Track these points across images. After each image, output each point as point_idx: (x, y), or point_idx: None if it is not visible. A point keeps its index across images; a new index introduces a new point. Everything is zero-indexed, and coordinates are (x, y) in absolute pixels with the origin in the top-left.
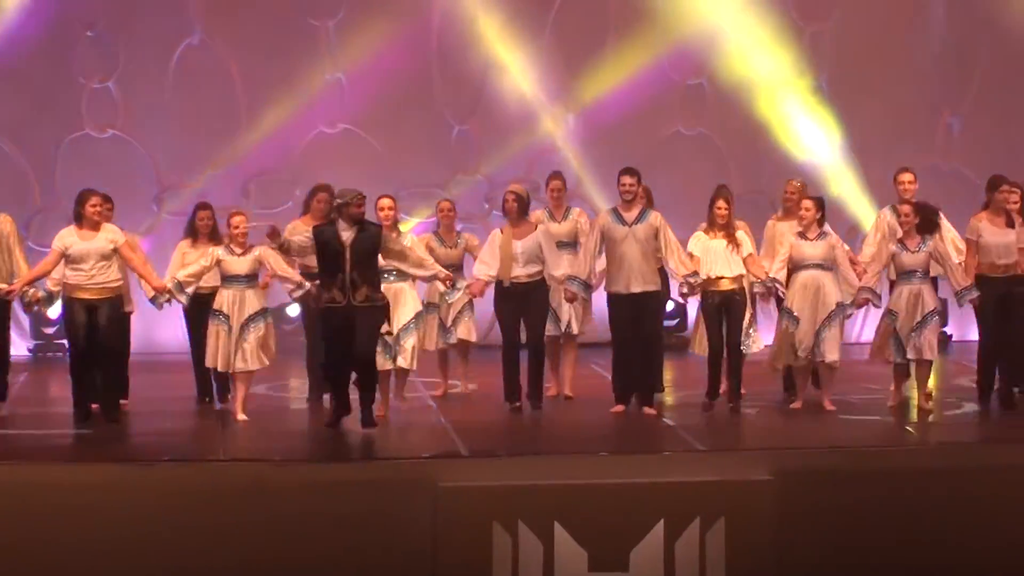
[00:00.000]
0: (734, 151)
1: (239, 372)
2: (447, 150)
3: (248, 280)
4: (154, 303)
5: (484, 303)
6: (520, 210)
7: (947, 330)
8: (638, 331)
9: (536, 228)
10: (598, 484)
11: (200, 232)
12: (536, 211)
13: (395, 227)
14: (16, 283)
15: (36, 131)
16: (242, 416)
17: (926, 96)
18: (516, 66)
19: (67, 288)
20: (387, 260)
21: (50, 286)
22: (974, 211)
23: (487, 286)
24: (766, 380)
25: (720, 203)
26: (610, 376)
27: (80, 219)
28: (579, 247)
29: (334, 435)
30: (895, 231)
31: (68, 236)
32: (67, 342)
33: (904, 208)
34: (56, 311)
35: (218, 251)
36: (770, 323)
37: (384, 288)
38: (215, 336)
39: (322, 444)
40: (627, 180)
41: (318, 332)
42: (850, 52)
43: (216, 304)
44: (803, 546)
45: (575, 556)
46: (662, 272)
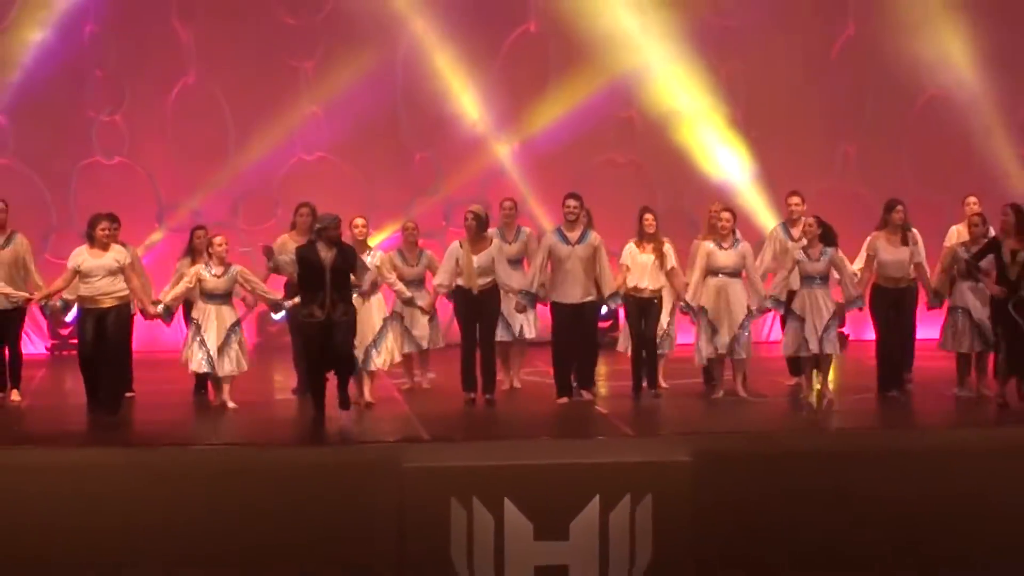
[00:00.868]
0: (660, 176)
1: (226, 376)
2: (410, 174)
3: (224, 298)
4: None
5: (446, 309)
6: (478, 228)
7: (845, 330)
8: (577, 334)
9: (491, 243)
10: (542, 464)
11: (197, 250)
12: (492, 229)
13: (365, 244)
14: (36, 295)
15: (53, 158)
16: (231, 404)
17: (826, 128)
18: (469, 101)
19: (80, 299)
20: (354, 274)
21: (67, 295)
22: (868, 227)
23: (437, 300)
24: (689, 373)
25: (647, 216)
26: (552, 372)
27: (92, 240)
28: (525, 264)
29: (312, 422)
30: (785, 246)
31: (80, 255)
32: (77, 345)
33: (809, 220)
34: (72, 315)
35: (200, 269)
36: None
37: (355, 299)
38: (193, 343)
39: (302, 430)
40: (571, 203)
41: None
42: (760, 89)
43: (195, 315)
44: (719, 518)
45: (522, 527)
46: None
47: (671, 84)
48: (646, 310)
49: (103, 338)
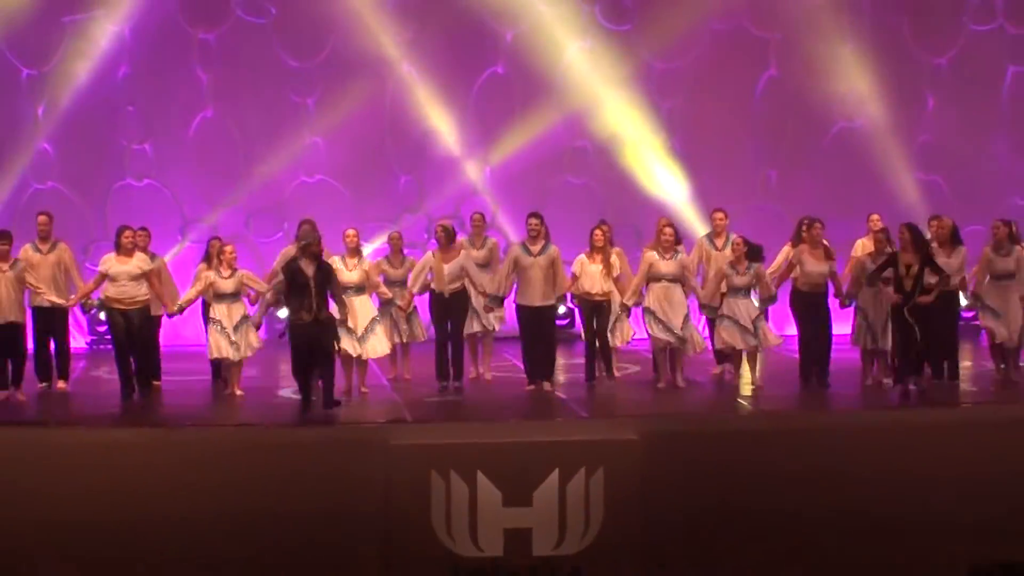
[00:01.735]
0: (609, 195)
1: (235, 363)
2: (396, 193)
3: (233, 296)
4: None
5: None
6: (447, 239)
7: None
8: (539, 331)
9: (460, 253)
10: (509, 442)
11: (213, 257)
12: (461, 239)
13: (357, 251)
14: (73, 298)
15: (91, 180)
16: (238, 392)
17: (751, 154)
18: (447, 131)
19: (107, 299)
20: (330, 289)
21: (103, 297)
22: (786, 239)
23: (413, 298)
24: (637, 364)
25: (596, 232)
26: (519, 363)
27: (118, 247)
28: (491, 268)
29: (299, 410)
30: (710, 254)
31: (108, 261)
32: (111, 339)
33: (737, 239)
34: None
35: (210, 275)
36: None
37: (347, 299)
38: (215, 336)
39: (302, 413)
40: (533, 221)
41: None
42: (695, 122)
43: (212, 314)
44: (663, 489)
45: (492, 496)
46: None
47: (618, 117)
48: (597, 310)
49: (131, 333)
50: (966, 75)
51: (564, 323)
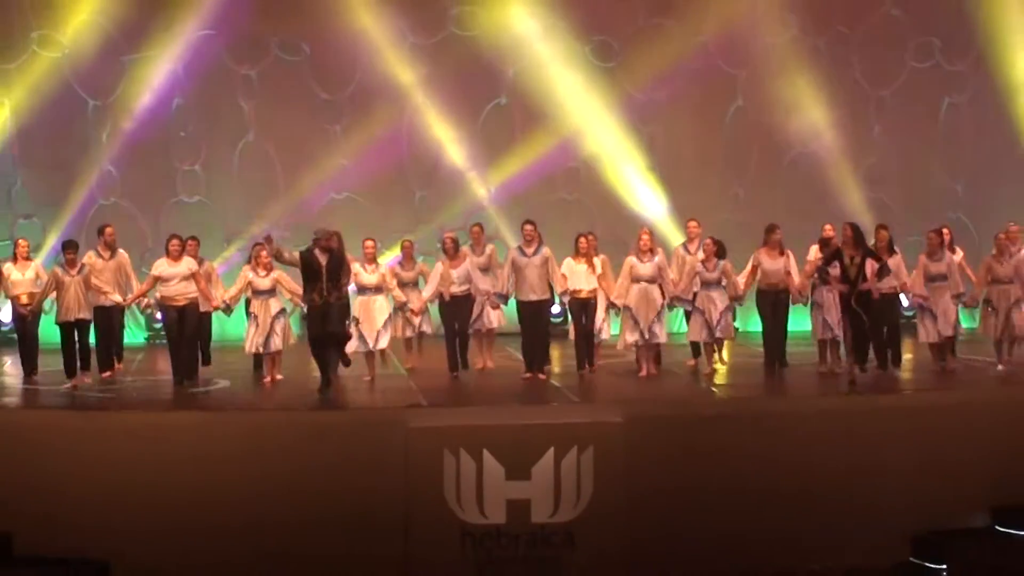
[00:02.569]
0: (599, 210)
1: (272, 352)
2: (412, 208)
3: (269, 293)
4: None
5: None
6: (454, 249)
7: (736, 324)
8: (535, 323)
9: (465, 260)
10: (511, 424)
11: (253, 259)
12: (464, 248)
13: (374, 259)
14: (130, 297)
15: (148, 197)
16: (279, 376)
17: (721, 173)
18: (457, 153)
19: (162, 298)
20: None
21: (158, 296)
22: (752, 247)
23: (425, 305)
24: (621, 355)
25: (581, 240)
26: (518, 354)
27: (168, 253)
28: (491, 271)
29: (336, 394)
30: (684, 259)
31: (160, 265)
32: (165, 333)
33: (707, 241)
34: (160, 315)
35: (248, 274)
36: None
37: (364, 299)
38: (252, 331)
39: (332, 399)
40: (528, 228)
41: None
42: (672, 145)
43: (251, 309)
44: (644, 464)
45: (497, 471)
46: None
47: (606, 141)
48: (585, 307)
49: (182, 326)
50: (907, 105)
51: (559, 319)
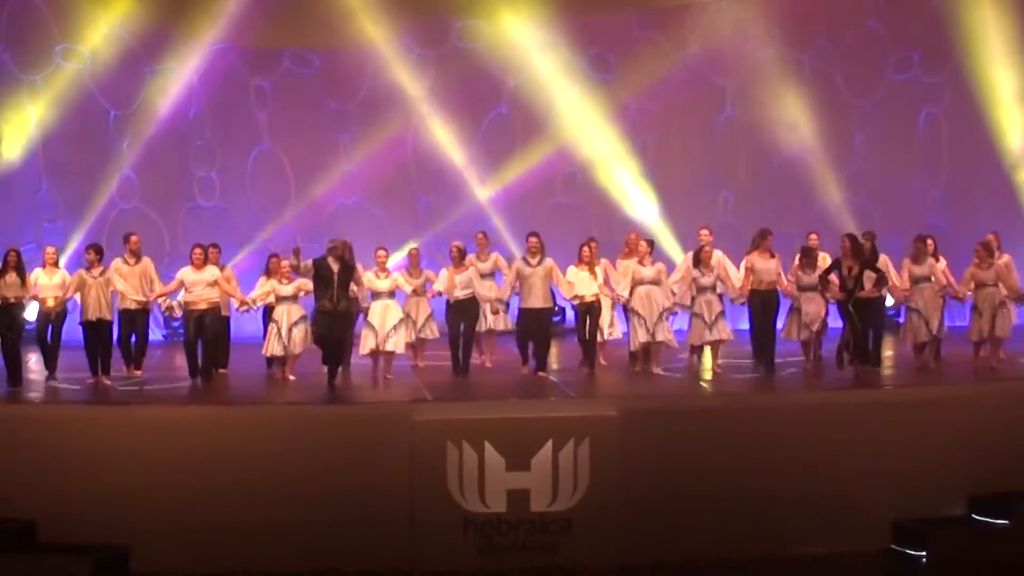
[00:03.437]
0: (595, 213)
1: (289, 355)
2: (417, 212)
3: (292, 299)
4: (239, 310)
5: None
6: (459, 256)
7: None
8: (537, 330)
9: (469, 268)
10: (511, 417)
11: (271, 269)
12: (470, 255)
13: (386, 267)
14: (152, 295)
15: (167, 203)
16: (291, 377)
17: (711, 179)
18: (460, 161)
19: (185, 303)
20: (351, 280)
21: (180, 300)
22: (742, 252)
23: (437, 294)
24: (616, 355)
25: (584, 248)
26: (518, 352)
27: (191, 262)
28: (497, 276)
29: (344, 389)
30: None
31: (185, 272)
32: (183, 335)
33: (707, 249)
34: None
35: (272, 282)
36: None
37: (377, 304)
38: (272, 335)
39: (341, 394)
40: (533, 240)
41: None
42: (665, 152)
43: (274, 315)
44: (638, 456)
45: (497, 462)
46: (553, 293)
47: (601, 149)
48: (589, 310)
49: (201, 330)
50: (887, 115)
51: (557, 319)
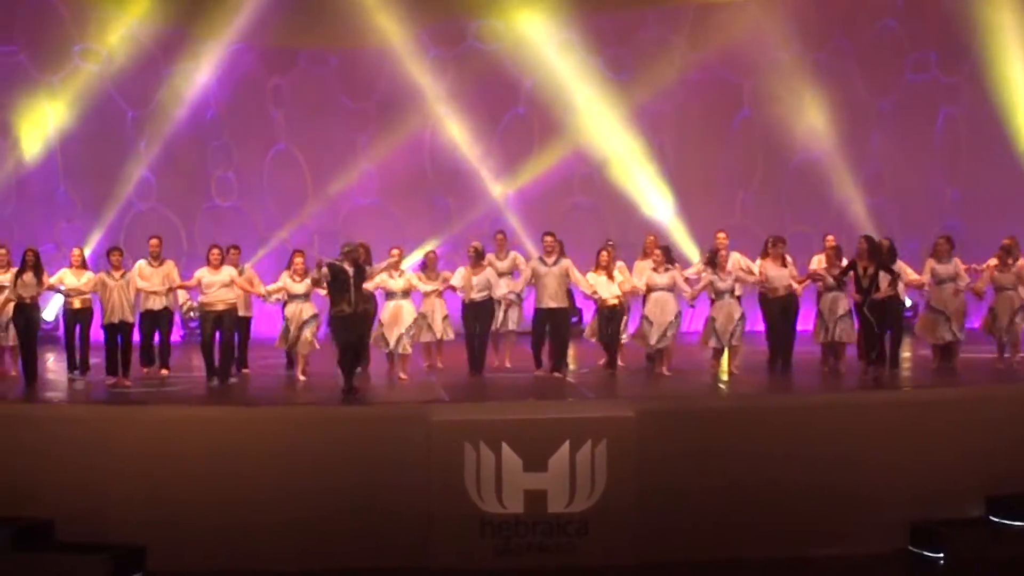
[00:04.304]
0: (612, 214)
1: (300, 353)
2: (434, 212)
3: (304, 297)
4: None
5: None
6: (476, 257)
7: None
8: (553, 330)
9: (486, 268)
10: (528, 418)
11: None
12: (489, 255)
13: (398, 266)
14: (172, 284)
15: (185, 203)
16: (302, 377)
17: (727, 180)
18: (477, 161)
19: (202, 304)
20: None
21: (200, 302)
22: (755, 255)
23: (451, 288)
24: (639, 357)
25: (602, 253)
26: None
27: (208, 262)
28: (515, 274)
29: (361, 392)
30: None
31: (202, 272)
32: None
33: (722, 252)
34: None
35: (286, 279)
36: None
37: (390, 305)
38: (284, 331)
39: (357, 394)
40: (548, 239)
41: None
42: (682, 153)
43: (287, 312)
44: (654, 456)
45: (515, 462)
46: (569, 294)
47: (620, 149)
48: (611, 314)
49: (217, 330)
50: (906, 116)
51: (574, 321)
